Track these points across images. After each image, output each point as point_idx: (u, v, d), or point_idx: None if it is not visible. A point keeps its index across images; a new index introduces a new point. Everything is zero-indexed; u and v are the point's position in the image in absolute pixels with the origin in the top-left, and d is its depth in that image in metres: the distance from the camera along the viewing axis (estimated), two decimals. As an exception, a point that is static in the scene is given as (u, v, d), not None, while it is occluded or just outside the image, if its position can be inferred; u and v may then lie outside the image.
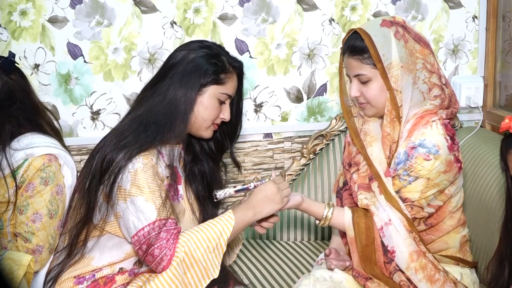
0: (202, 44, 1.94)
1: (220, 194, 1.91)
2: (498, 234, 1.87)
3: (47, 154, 1.99)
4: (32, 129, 2.03)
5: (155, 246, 1.75)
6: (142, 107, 1.89)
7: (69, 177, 2.05)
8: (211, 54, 1.91)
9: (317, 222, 2.00)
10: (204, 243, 1.78)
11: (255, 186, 1.90)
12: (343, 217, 1.97)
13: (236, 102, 2.01)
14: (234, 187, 1.93)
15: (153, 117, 1.85)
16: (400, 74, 1.90)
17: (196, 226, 1.84)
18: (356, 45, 1.93)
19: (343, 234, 2.08)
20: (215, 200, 1.94)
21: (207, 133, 1.95)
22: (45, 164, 1.97)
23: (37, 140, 2.00)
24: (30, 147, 1.98)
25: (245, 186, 1.92)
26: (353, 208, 1.99)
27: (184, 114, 1.86)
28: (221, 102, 1.93)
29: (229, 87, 1.93)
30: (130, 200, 1.78)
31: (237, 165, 2.10)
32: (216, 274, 1.79)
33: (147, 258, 1.77)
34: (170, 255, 1.74)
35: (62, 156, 2.02)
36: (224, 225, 1.81)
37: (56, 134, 2.11)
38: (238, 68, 1.96)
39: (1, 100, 1.98)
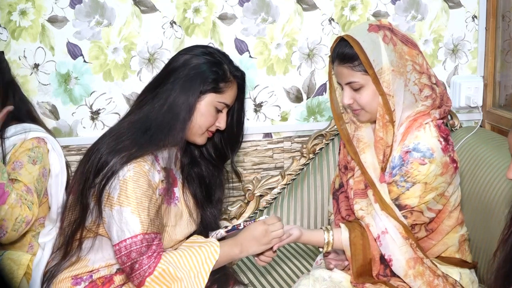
0: (205, 50, 1.92)
1: (213, 236, 1.93)
2: (498, 234, 1.85)
3: (37, 137, 2.02)
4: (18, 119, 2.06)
5: (135, 260, 1.75)
6: (141, 111, 1.88)
7: (56, 164, 2.06)
8: (213, 62, 1.89)
9: (321, 249, 1.98)
10: (185, 267, 1.78)
11: (244, 226, 1.90)
12: (341, 237, 1.95)
13: (237, 111, 1.99)
14: (226, 227, 1.94)
15: (153, 122, 1.84)
16: (391, 78, 1.88)
17: (181, 249, 1.84)
18: (345, 53, 1.91)
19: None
20: None
21: (200, 140, 1.93)
22: (33, 144, 2.00)
23: (27, 126, 2.03)
24: (21, 132, 2.00)
25: (235, 226, 1.92)
26: (350, 225, 1.97)
27: (184, 121, 1.85)
28: (218, 111, 1.92)
29: (228, 96, 1.91)
30: (116, 209, 1.78)
31: (238, 176, 2.10)
32: None
33: (125, 269, 1.79)
34: (149, 272, 1.75)
35: (50, 140, 2.05)
36: (207, 256, 1.81)
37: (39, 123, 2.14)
38: (239, 78, 1.94)
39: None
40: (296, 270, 2.33)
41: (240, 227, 1.91)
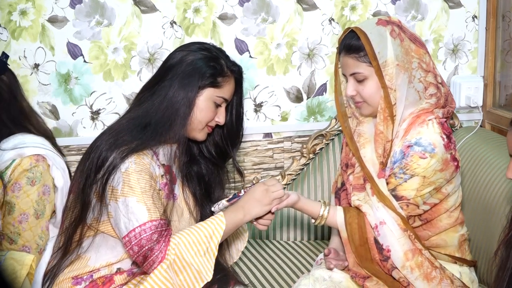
0: (202, 46, 1.94)
1: (215, 208, 1.93)
2: (498, 234, 1.86)
3: (35, 154, 1.99)
4: (19, 130, 2.03)
5: (146, 248, 1.75)
6: (141, 108, 1.89)
7: (60, 179, 2.04)
8: (210, 57, 1.90)
9: (313, 221, 2.00)
10: (194, 247, 1.78)
11: (245, 192, 1.91)
12: (336, 217, 1.97)
13: (235, 106, 2.00)
14: (227, 197, 1.94)
15: (152, 119, 1.85)
16: (395, 72, 1.90)
17: (188, 228, 1.84)
18: (352, 44, 1.93)
19: (341, 234, 2.08)
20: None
21: (200, 135, 1.94)
22: (32, 164, 1.97)
23: (26, 140, 2.01)
24: (19, 147, 1.98)
25: (236, 193, 1.93)
26: (346, 207, 1.99)
27: (184, 116, 1.85)
28: (217, 105, 1.92)
29: (226, 91, 1.92)
30: (121, 201, 1.78)
31: (240, 173, 2.10)
32: (209, 277, 1.79)
33: (138, 259, 1.78)
34: (161, 257, 1.75)
35: (50, 157, 2.02)
36: (214, 228, 1.82)
37: (47, 137, 2.11)
38: (236, 73, 1.95)
39: None
40: (296, 270, 2.33)
41: (241, 194, 1.91)
